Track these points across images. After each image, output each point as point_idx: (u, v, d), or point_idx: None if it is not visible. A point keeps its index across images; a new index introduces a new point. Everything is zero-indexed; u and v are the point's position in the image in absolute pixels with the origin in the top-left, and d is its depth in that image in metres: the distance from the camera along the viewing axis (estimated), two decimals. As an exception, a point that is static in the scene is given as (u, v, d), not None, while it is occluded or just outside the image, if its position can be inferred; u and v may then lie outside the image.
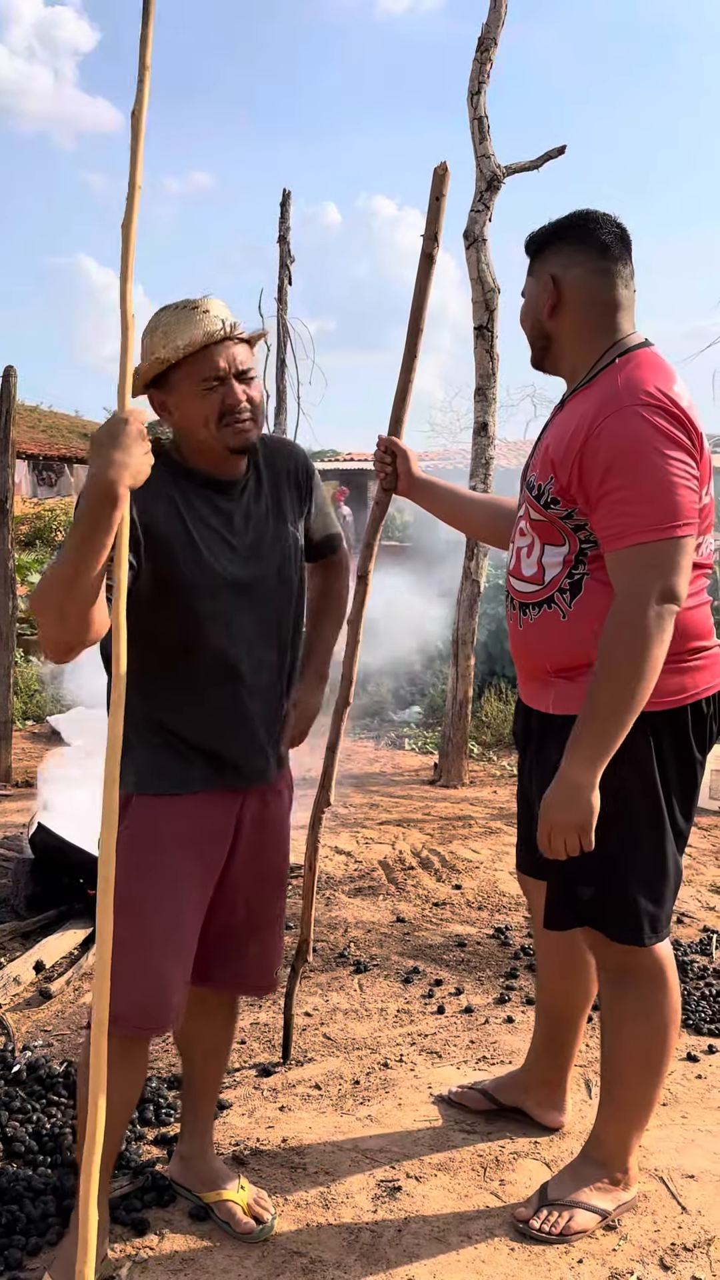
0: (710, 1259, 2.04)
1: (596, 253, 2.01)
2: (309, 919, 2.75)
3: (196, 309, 1.84)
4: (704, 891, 4.19)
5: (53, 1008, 3.08)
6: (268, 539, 1.97)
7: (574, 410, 1.99)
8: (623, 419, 1.85)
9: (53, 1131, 2.38)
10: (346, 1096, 2.63)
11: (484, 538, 2.57)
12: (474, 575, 5.96)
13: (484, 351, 5.78)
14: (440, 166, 2.47)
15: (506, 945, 3.61)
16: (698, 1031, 2.97)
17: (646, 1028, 2.09)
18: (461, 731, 5.96)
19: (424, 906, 4.00)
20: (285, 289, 12.15)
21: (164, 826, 1.90)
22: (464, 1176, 2.30)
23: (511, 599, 2.12)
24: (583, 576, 1.98)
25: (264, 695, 1.98)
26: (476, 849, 4.72)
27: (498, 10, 5.70)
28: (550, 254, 2.04)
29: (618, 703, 1.84)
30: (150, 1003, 1.87)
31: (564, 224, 2.04)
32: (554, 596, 2.02)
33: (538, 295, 2.05)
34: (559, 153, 5.70)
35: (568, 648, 2.01)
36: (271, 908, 2.09)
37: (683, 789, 2.02)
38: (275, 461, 2.03)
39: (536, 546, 2.05)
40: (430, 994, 3.21)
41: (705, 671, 2.02)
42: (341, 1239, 2.09)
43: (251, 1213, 2.11)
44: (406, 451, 2.42)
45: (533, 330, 2.10)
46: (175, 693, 1.91)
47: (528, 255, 2.10)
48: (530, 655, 2.11)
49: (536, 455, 2.07)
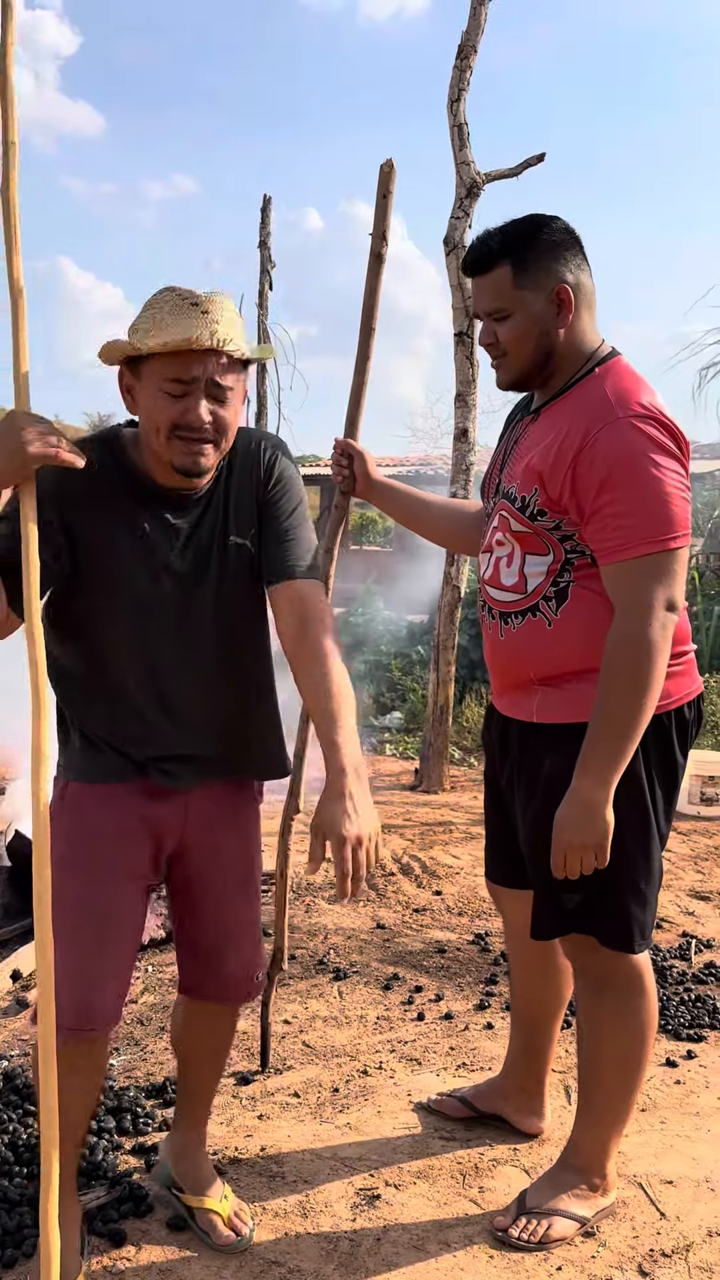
0: (689, 1265, 2.05)
1: (584, 256, 1.98)
2: (282, 927, 2.73)
3: (196, 306, 1.65)
4: (683, 896, 4.20)
5: (29, 1016, 3.05)
6: (210, 561, 1.84)
7: (553, 421, 1.95)
8: (618, 431, 1.83)
9: (29, 1142, 2.35)
10: (325, 1104, 2.62)
11: (444, 542, 2.52)
12: (454, 580, 5.96)
13: (464, 358, 5.80)
14: (386, 164, 2.46)
15: (486, 951, 3.60)
16: (676, 1037, 2.98)
17: (625, 1034, 2.08)
18: (442, 737, 5.96)
19: (404, 913, 4.00)
20: (266, 294, 12.12)
21: (93, 814, 1.86)
22: (443, 1184, 2.30)
23: (490, 608, 2.10)
24: (569, 584, 1.96)
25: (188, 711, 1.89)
26: (457, 854, 4.72)
27: (478, 18, 5.73)
28: (549, 262, 1.93)
29: (629, 717, 1.83)
30: (80, 1003, 1.76)
31: (545, 233, 1.94)
32: (539, 605, 1.99)
33: (544, 310, 1.93)
34: (538, 160, 5.73)
35: (553, 656, 1.99)
36: (242, 917, 2.05)
37: (665, 793, 2.02)
38: (242, 472, 1.87)
39: (518, 556, 2.01)
40: (410, 1000, 3.20)
41: (686, 676, 2.03)
42: (320, 1248, 2.08)
43: (231, 1225, 2.09)
44: (363, 453, 2.39)
45: (536, 347, 1.96)
46: (83, 693, 1.90)
47: (515, 269, 1.93)
48: (513, 664, 2.08)
49: (512, 466, 2.04)
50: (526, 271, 1.93)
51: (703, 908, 4.09)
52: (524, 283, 1.94)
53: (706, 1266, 2.04)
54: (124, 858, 1.88)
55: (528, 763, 2.07)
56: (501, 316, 1.97)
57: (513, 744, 2.13)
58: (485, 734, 2.31)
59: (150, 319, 1.68)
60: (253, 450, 1.88)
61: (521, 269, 1.93)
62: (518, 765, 2.11)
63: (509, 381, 2.05)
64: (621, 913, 2.01)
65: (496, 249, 1.95)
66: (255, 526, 1.86)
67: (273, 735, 2.04)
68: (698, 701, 2.05)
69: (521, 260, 1.93)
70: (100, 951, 1.83)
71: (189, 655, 1.87)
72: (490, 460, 2.19)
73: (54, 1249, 1.50)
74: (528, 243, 1.94)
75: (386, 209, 2.48)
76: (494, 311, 1.98)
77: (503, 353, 2.00)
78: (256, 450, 1.88)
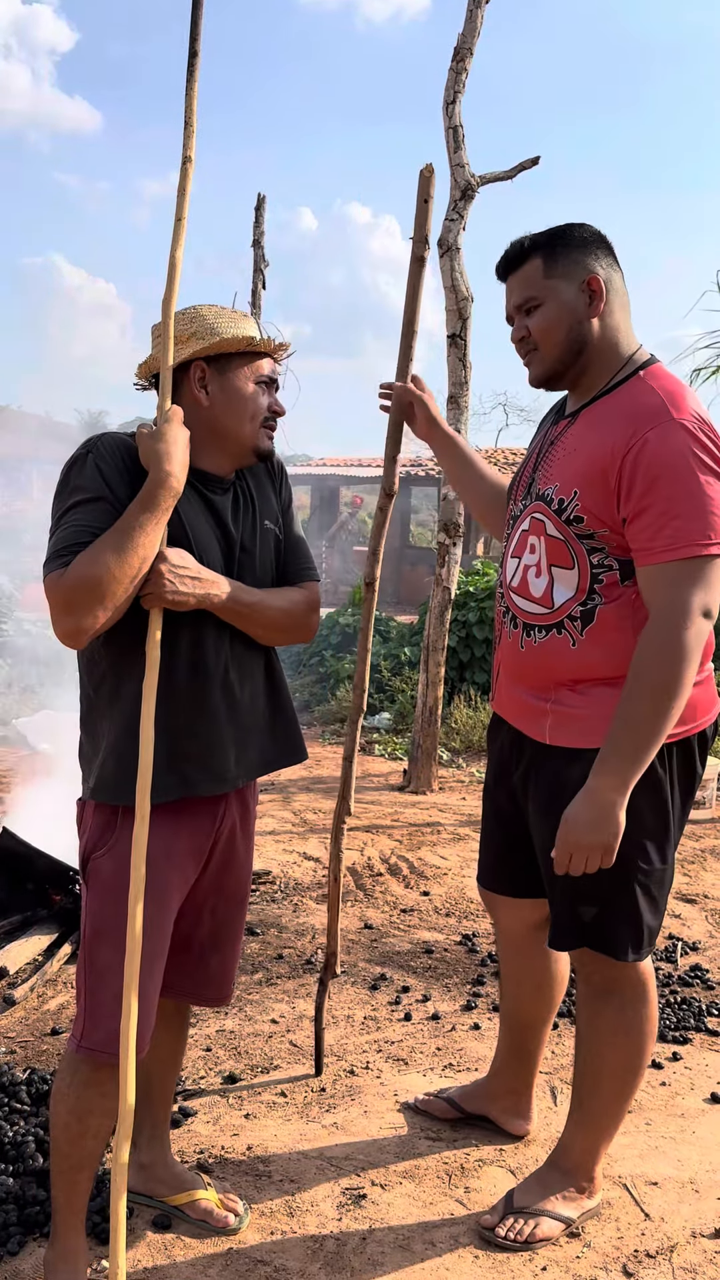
0: (673, 1266, 2.06)
1: (615, 259, 1.99)
2: (335, 931, 2.74)
3: (248, 318, 1.90)
4: (670, 899, 4.21)
5: (16, 1014, 3.04)
6: (258, 536, 1.95)
7: (596, 423, 1.93)
8: (671, 432, 1.81)
9: (15, 1140, 2.35)
10: (312, 1104, 2.62)
11: (479, 510, 2.44)
12: (444, 582, 5.97)
13: (457, 359, 5.81)
14: (426, 169, 2.48)
15: (474, 952, 3.61)
16: (662, 1038, 2.99)
17: (626, 1042, 2.08)
18: (431, 738, 5.97)
19: (392, 913, 4.00)
20: (259, 293, 12.11)
21: (153, 842, 1.78)
22: (429, 1184, 2.30)
23: (513, 617, 2.06)
24: (596, 606, 1.93)
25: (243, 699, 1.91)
26: (445, 855, 4.73)
27: (474, 21, 5.74)
28: (579, 254, 1.95)
29: (654, 721, 1.81)
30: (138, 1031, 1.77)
31: (577, 231, 1.97)
32: (564, 623, 1.96)
33: (575, 299, 1.94)
34: (533, 163, 5.75)
35: (573, 671, 1.97)
36: (235, 921, 2.06)
37: (683, 803, 2.01)
38: (255, 465, 2.01)
39: (545, 567, 1.98)
40: (397, 1001, 3.21)
41: (709, 692, 2.01)
42: (306, 1247, 2.08)
43: (225, 1207, 2.12)
44: (431, 395, 2.42)
45: (567, 337, 1.96)
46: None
47: (546, 259, 1.96)
48: (532, 675, 2.04)
49: (548, 468, 2.00)
50: (557, 263, 1.95)
51: (689, 910, 4.11)
52: (554, 272, 1.96)
53: (690, 1267, 2.05)
54: (173, 886, 1.87)
55: (545, 774, 2.03)
56: (532, 307, 1.98)
57: (524, 758, 2.10)
58: (491, 742, 2.28)
59: (228, 321, 1.87)
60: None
61: (552, 260, 1.96)
62: (531, 778, 2.08)
63: (540, 376, 2.04)
64: (635, 922, 1.99)
65: (528, 245, 1.99)
66: (279, 517, 2.02)
67: (293, 717, 2.07)
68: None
69: (552, 252, 1.96)
70: (154, 981, 1.84)
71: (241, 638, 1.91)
72: (521, 462, 2.17)
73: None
74: (558, 237, 1.97)
75: (427, 214, 2.50)
76: (525, 302, 1.99)
77: (533, 347, 2.01)
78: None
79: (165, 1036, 2.13)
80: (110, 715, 1.81)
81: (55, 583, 1.66)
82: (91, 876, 1.83)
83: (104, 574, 1.65)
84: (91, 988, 1.81)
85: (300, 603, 1.98)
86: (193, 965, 2.03)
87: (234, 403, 1.87)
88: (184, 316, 1.86)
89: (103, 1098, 1.81)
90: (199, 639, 1.84)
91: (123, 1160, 1.66)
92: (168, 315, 1.82)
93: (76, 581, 1.65)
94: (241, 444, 1.90)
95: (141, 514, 1.70)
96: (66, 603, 1.66)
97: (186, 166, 1.90)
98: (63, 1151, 1.85)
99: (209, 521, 1.88)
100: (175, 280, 1.84)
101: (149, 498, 1.71)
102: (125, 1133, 1.66)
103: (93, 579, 1.65)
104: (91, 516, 1.71)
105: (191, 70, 1.90)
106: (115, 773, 1.79)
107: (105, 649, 1.81)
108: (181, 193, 1.90)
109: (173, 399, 1.85)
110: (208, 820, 1.91)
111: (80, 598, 1.65)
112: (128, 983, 1.68)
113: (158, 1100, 2.19)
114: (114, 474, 1.75)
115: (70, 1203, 1.88)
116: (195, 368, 1.86)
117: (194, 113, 1.92)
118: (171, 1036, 2.15)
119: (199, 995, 2.08)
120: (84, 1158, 1.85)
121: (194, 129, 1.92)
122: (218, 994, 2.09)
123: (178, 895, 1.88)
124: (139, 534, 1.68)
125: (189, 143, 1.91)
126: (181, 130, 1.90)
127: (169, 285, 1.83)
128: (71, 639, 1.69)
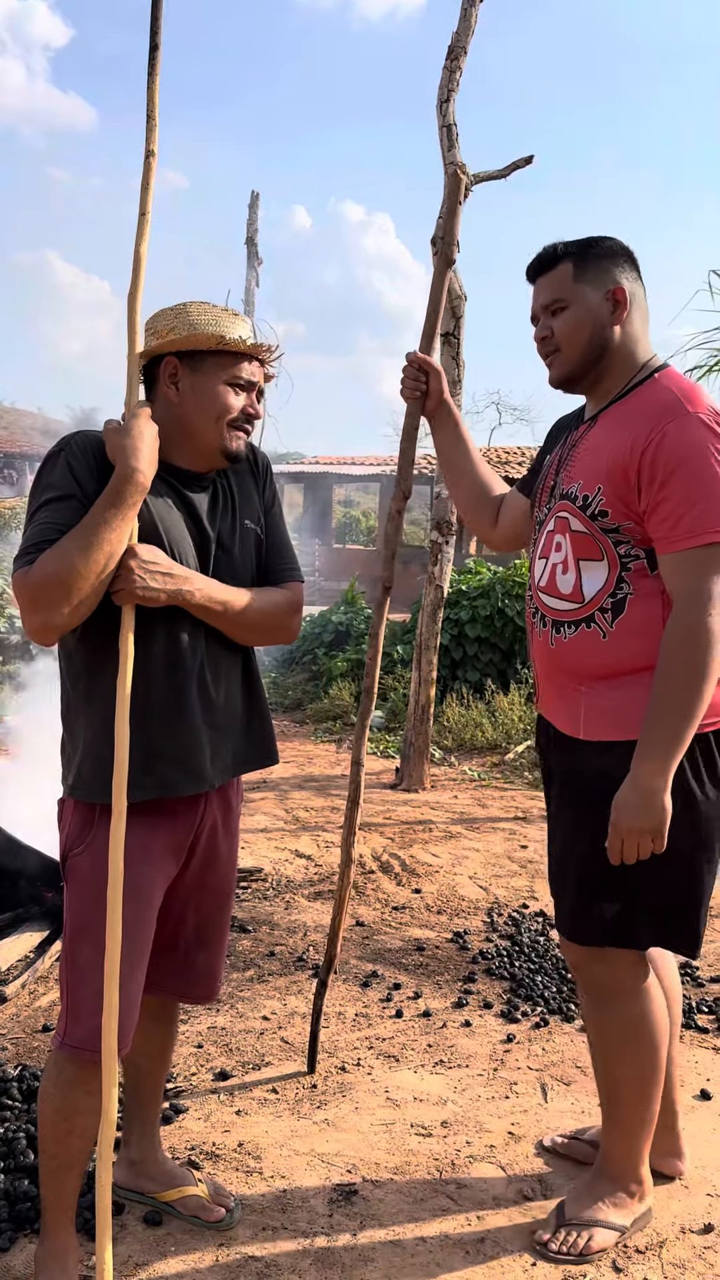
0: (662, 1261, 2.06)
1: (639, 274, 2.05)
2: (338, 935, 2.74)
3: (238, 317, 1.89)
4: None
5: (7, 1011, 3.04)
6: (238, 534, 1.94)
7: (617, 422, 1.98)
8: (689, 425, 1.87)
9: (5, 1136, 2.35)
10: (304, 1100, 2.63)
11: (463, 499, 2.45)
12: (437, 580, 5.98)
13: (450, 358, 5.81)
14: (453, 171, 2.50)
15: (465, 950, 3.62)
16: (652, 1035, 3.00)
17: (635, 1047, 2.07)
18: (423, 736, 5.98)
19: (383, 910, 4.01)
20: (252, 290, 12.12)
21: (131, 839, 1.77)
22: (420, 1180, 2.31)
23: (543, 616, 2.08)
24: (626, 596, 1.96)
25: (219, 696, 1.91)
26: (436, 853, 4.74)
27: (468, 20, 5.74)
28: (608, 264, 2.02)
29: (687, 704, 1.85)
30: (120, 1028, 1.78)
31: (607, 243, 2.04)
32: (594, 616, 1.99)
33: (599, 305, 2.01)
34: (526, 162, 5.75)
35: (606, 664, 1.99)
36: (220, 918, 2.06)
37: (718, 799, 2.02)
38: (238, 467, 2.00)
39: (573, 563, 2.01)
40: (388, 998, 3.21)
41: None
42: (297, 1244, 2.09)
43: (216, 1202, 2.13)
44: (440, 370, 2.44)
45: (589, 340, 2.03)
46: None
47: (576, 265, 2.03)
48: (563, 671, 2.06)
49: (570, 469, 2.05)
50: (587, 269, 2.03)
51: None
52: (583, 278, 2.03)
53: (679, 1263, 2.06)
54: (154, 883, 1.87)
55: (567, 763, 2.06)
56: (559, 309, 2.04)
57: (558, 750, 2.11)
58: (539, 744, 2.27)
59: (211, 319, 1.84)
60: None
61: (582, 266, 2.03)
62: (556, 768, 2.11)
63: (560, 377, 2.09)
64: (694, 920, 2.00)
65: (560, 250, 2.05)
66: (262, 517, 2.01)
67: (268, 722, 2.07)
68: None
69: (583, 259, 2.03)
70: (136, 978, 1.83)
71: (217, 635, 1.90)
72: (542, 471, 2.19)
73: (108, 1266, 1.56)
74: (589, 246, 2.04)
75: (455, 215, 2.51)
76: (551, 303, 2.05)
77: (555, 348, 2.06)
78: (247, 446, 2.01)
79: (154, 1033, 2.13)
80: (88, 713, 1.82)
81: (22, 580, 1.67)
82: (71, 874, 1.84)
83: (69, 570, 1.65)
84: (73, 984, 1.81)
85: (281, 603, 1.97)
86: (179, 963, 2.03)
87: (202, 401, 1.85)
88: (170, 312, 1.86)
89: (88, 1096, 1.81)
90: (174, 637, 1.83)
91: (107, 1153, 1.66)
92: (134, 309, 1.83)
93: (42, 578, 1.66)
94: (209, 443, 1.88)
95: (107, 510, 1.69)
96: (33, 599, 1.66)
97: (149, 161, 1.91)
98: (50, 1150, 1.85)
99: (184, 518, 1.87)
100: (140, 275, 1.85)
101: (115, 493, 1.70)
102: (110, 1121, 1.66)
103: (58, 575, 1.65)
104: (61, 514, 1.71)
105: (153, 64, 1.90)
106: (93, 771, 1.79)
107: (80, 646, 1.82)
108: (145, 187, 1.91)
109: (148, 395, 1.87)
110: (187, 817, 1.91)
111: (46, 594, 1.66)
112: (108, 979, 1.68)
113: (147, 1097, 2.19)
114: (85, 472, 1.74)
115: (59, 1200, 1.88)
116: (167, 363, 1.85)
117: (155, 106, 1.93)
118: (160, 1033, 2.15)
119: (186, 993, 2.08)
120: (72, 1156, 1.85)
121: (156, 123, 1.92)
122: (205, 991, 2.09)
123: (158, 892, 1.88)
124: (104, 530, 1.68)
125: (151, 137, 1.91)
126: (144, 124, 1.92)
127: (134, 280, 1.84)
128: (40, 636, 1.70)
